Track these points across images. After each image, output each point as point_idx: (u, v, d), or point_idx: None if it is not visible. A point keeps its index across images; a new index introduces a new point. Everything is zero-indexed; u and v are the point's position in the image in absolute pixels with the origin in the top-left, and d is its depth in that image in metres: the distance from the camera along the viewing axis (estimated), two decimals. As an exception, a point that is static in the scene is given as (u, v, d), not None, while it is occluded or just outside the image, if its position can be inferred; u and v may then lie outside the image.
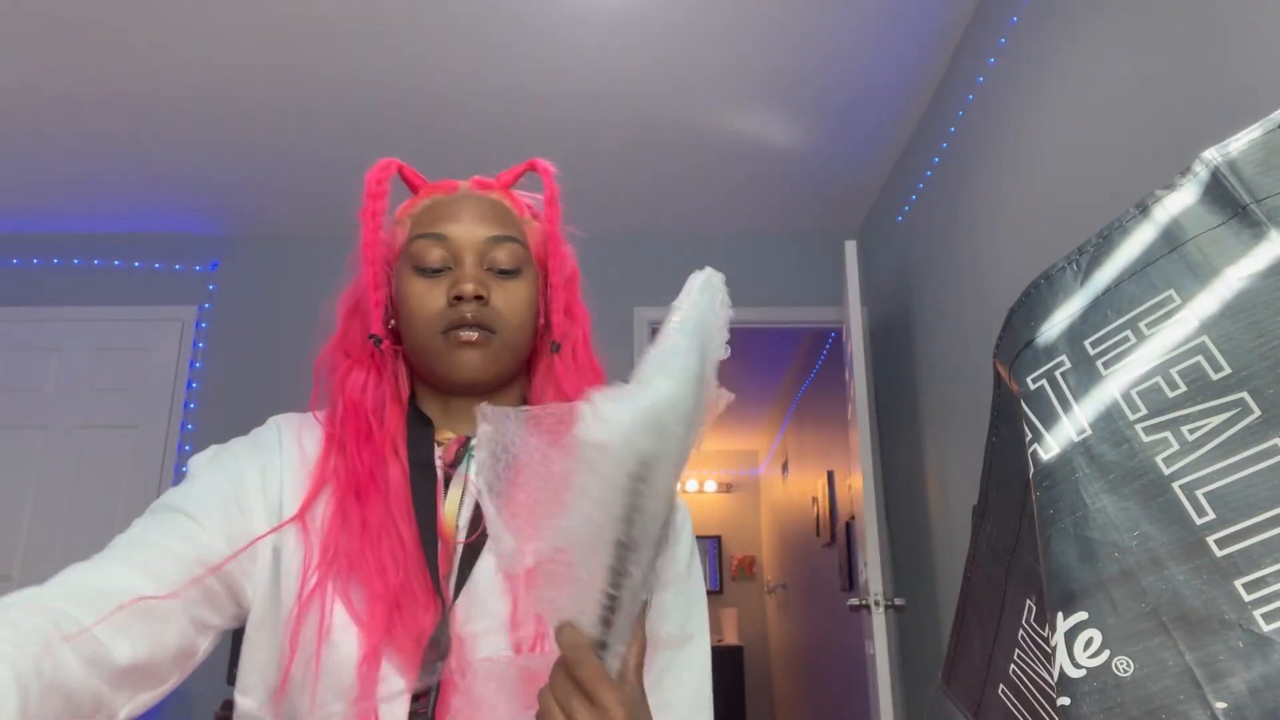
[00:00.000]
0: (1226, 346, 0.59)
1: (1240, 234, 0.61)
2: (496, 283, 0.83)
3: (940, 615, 2.60)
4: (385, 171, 0.86)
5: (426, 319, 0.81)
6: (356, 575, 0.72)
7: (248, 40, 2.40)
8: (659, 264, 3.62)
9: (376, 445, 0.79)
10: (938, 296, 2.64)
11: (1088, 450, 0.62)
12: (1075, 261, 0.70)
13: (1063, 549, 0.61)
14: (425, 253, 0.83)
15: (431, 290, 0.82)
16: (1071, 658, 0.57)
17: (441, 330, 0.81)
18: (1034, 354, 0.70)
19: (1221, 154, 0.64)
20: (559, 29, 2.37)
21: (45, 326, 3.55)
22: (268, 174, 3.19)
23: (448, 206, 0.85)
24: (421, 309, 0.81)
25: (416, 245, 0.83)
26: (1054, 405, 0.66)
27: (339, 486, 0.77)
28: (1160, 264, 0.65)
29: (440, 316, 0.81)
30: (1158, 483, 0.59)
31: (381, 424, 0.81)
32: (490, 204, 0.87)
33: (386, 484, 0.77)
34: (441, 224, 0.84)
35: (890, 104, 2.75)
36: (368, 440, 0.79)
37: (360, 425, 0.80)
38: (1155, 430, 0.60)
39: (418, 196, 0.89)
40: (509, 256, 0.84)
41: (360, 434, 0.79)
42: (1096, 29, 1.69)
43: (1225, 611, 0.54)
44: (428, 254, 0.83)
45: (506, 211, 0.88)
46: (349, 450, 0.78)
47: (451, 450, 0.84)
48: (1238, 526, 0.55)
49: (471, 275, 0.81)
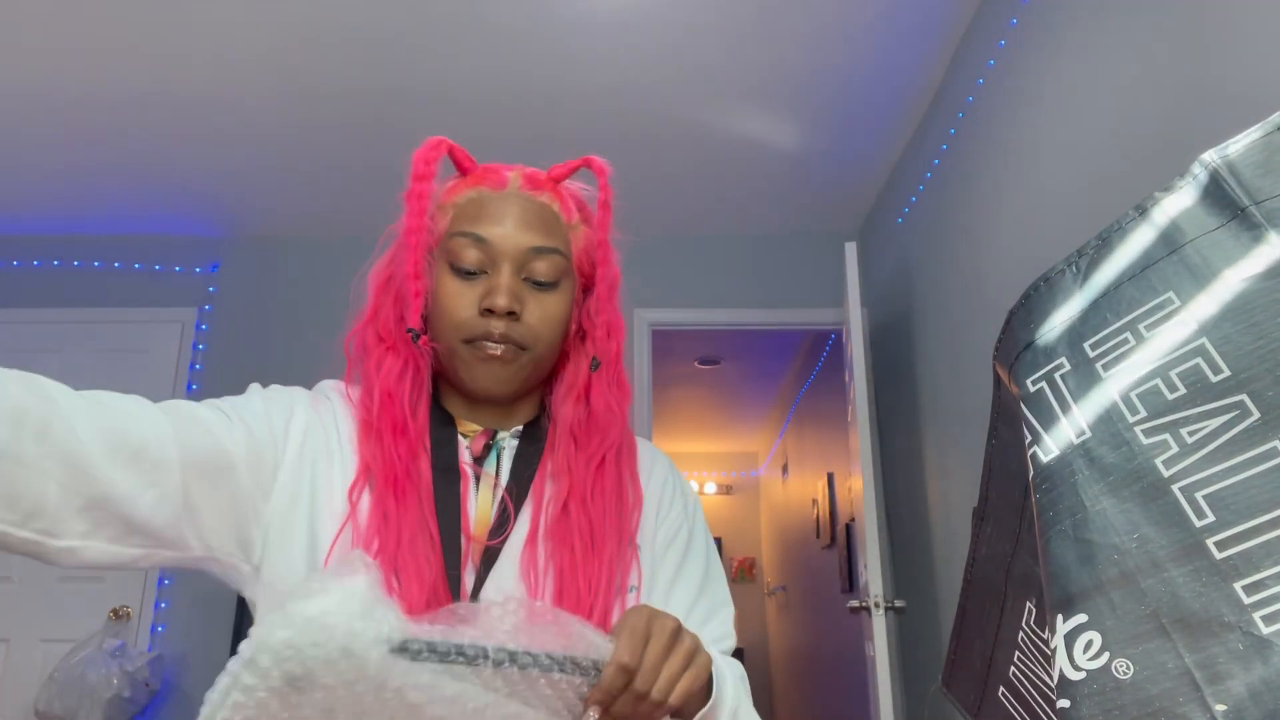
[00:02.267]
0: (1226, 349, 0.59)
1: (1239, 236, 0.61)
2: (533, 295, 0.81)
3: (940, 617, 2.60)
4: (435, 151, 0.81)
5: (456, 323, 0.79)
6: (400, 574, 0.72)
7: (248, 41, 2.40)
8: (659, 265, 3.62)
9: (410, 441, 0.78)
10: (938, 297, 2.64)
11: (1087, 452, 0.62)
12: (1075, 264, 0.70)
13: (1062, 551, 0.61)
14: (462, 252, 0.80)
15: (465, 293, 0.80)
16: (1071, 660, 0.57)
17: (467, 339, 0.79)
18: (1034, 356, 0.70)
19: (1220, 156, 0.64)
20: (559, 30, 2.37)
21: (45, 328, 3.54)
22: (268, 176, 3.19)
23: (493, 205, 0.81)
24: (452, 311, 0.79)
25: (455, 243, 0.80)
26: (1053, 407, 0.66)
27: (378, 480, 0.76)
28: (1160, 266, 0.65)
29: (469, 325, 0.79)
30: (1157, 485, 0.59)
31: (415, 417, 0.80)
32: (538, 208, 0.83)
33: (420, 482, 0.77)
34: (484, 224, 0.80)
35: (890, 105, 2.75)
36: (403, 434, 0.78)
37: (396, 416, 0.78)
38: (1155, 432, 0.60)
39: (464, 181, 0.85)
40: (549, 269, 0.81)
41: (396, 426, 0.78)
42: (1096, 30, 1.69)
43: (1225, 614, 0.54)
44: (465, 254, 0.80)
45: (554, 217, 0.84)
46: (385, 442, 0.77)
47: (479, 443, 0.83)
48: (1237, 529, 0.55)
49: (506, 288, 0.78)
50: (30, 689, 2.97)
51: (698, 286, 3.61)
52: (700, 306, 3.58)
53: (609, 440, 0.84)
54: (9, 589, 3.24)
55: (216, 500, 0.70)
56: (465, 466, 0.81)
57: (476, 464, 0.83)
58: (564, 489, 0.81)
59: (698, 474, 7.58)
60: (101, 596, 3.22)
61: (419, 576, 0.72)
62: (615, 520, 0.81)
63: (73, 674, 2.86)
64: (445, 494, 0.78)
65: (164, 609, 3.26)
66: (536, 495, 0.81)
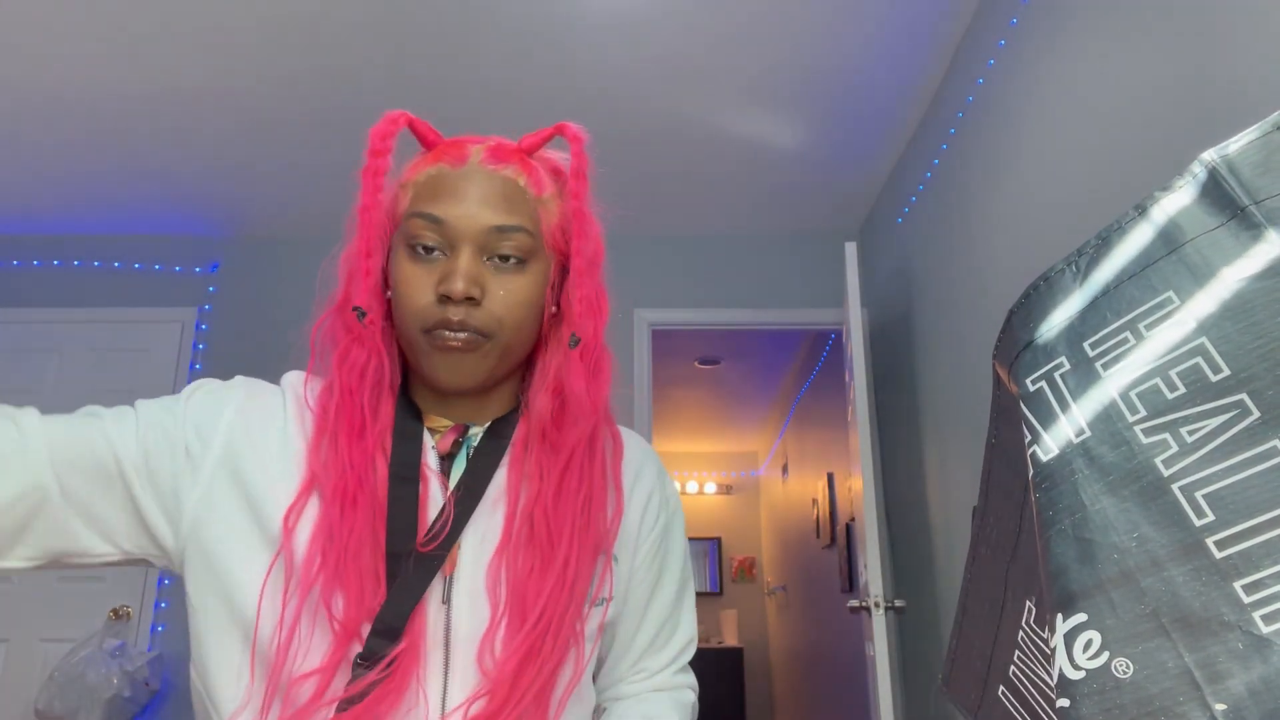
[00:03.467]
0: (1225, 348, 0.59)
1: (1239, 235, 0.61)
2: (496, 277, 0.74)
3: (940, 617, 2.60)
4: (392, 126, 0.76)
5: (413, 311, 0.73)
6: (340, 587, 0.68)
7: (248, 41, 2.40)
8: (659, 265, 3.62)
9: (367, 444, 0.73)
10: (938, 297, 2.64)
11: (1087, 451, 0.62)
12: (1074, 263, 0.70)
13: (1062, 550, 0.61)
14: (419, 234, 0.74)
15: (421, 277, 0.74)
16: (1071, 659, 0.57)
17: (425, 328, 0.73)
18: (1033, 355, 0.70)
19: (1220, 155, 0.64)
20: (558, 30, 2.37)
21: (45, 328, 3.55)
22: (268, 175, 3.19)
23: (452, 182, 0.75)
24: (409, 298, 0.74)
25: (411, 224, 0.74)
26: (1053, 406, 0.66)
27: (325, 490, 0.71)
28: (1159, 265, 0.65)
29: (426, 312, 0.73)
30: (1157, 484, 0.59)
31: (375, 416, 0.75)
32: (500, 183, 0.76)
33: (374, 489, 0.72)
34: (441, 203, 0.74)
35: (890, 105, 2.75)
36: (360, 437, 0.73)
37: (354, 418, 0.73)
38: (1154, 432, 0.60)
39: (425, 157, 0.79)
40: (514, 248, 0.75)
41: (353, 429, 0.73)
42: (1095, 30, 1.69)
43: (1224, 613, 0.54)
44: (421, 235, 0.74)
45: (519, 192, 0.77)
46: (341, 447, 0.72)
47: (448, 440, 0.78)
48: (1237, 528, 0.55)
49: (465, 272, 0.72)
50: (30, 689, 2.97)
51: (698, 286, 3.61)
52: (700, 306, 3.58)
53: (580, 433, 0.77)
54: (9, 589, 3.24)
55: (110, 499, 0.70)
56: (427, 469, 0.76)
57: (445, 462, 0.78)
58: (531, 492, 0.76)
59: (698, 474, 7.58)
60: (101, 596, 3.22)
61: (359, 597, 0.68)
62: (583, 528, 0.75)
63: (73, 674, 2.86)
64: (401, 501, 0.72)
65: (164, 609, 3.26)
66: (493, 498, 0.76)
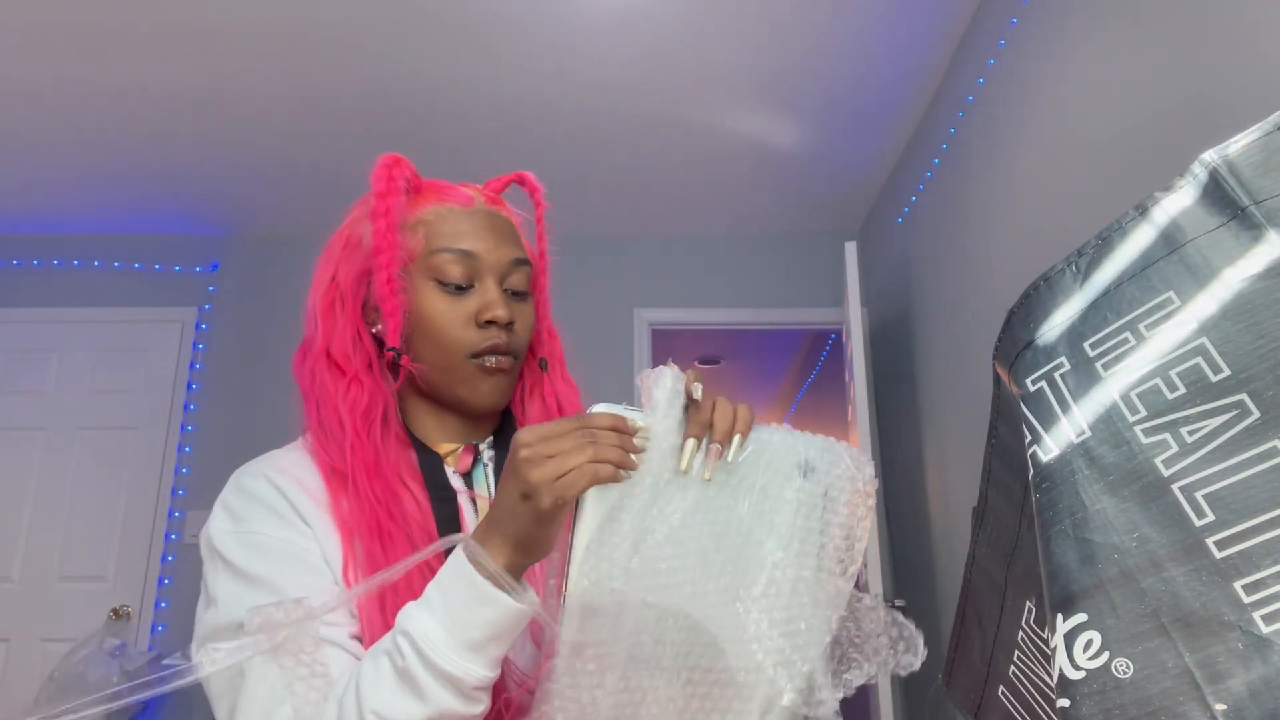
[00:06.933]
0: (1226, 348, 0.59)
1: (1239, 236, 0.61)
2: (514, 306, 0.83)
3: (940, 616, 2.60)
4: (396, 168, 0.82)
5: (454, 339, 0.80)
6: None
7: (248, 41, 2.40)
8: (659, 265, 3.62)
9: (386, 477, 0.76)
10: (938, 297, 2.64)
11: (1087, 452, 0.62)
12: (1074, 263, 0.70)
13: (1062, 551, 0.61)
14: (448, 268, 0.80)
15: (455, 309, 0.80)
16: (1071, 659, 0.57)
17: (471, 354, 0.80)
18: (1033, 355, 0.70)
19: (1220, 156, 0.64)
20: (557, 30, 2.37)
21: (45, 328, 3.55)
22: (268, 175, 3.19)
23: (470, 220, 0.83)
24: (447, 329, 0.80)
25: (439, 259, 0.80)
26: (1053, 407, 0.66)
27: (362, 534, 0.73)
28: (1160, 265, 0.65)
29: (470, 340, 0.80)
30: (1157, 484, 0.59)
31: (385, 449, 0.78)
32: (504, 222, 0.86)
33: (405, 518, 0.74)
34: (467, 240, 0.81)
35: (890, 104, 2.75)
36: (377, 474, 0.75)
37: (367, 456, 0.76)
38: (1155, 432, 0.60)
39: (422, 198, 0.84)
40: (524, 280, 0.85)
41: (369, 467, 0.75)
42: (1095, 30, 1.69)
43: (1225, 613, 0.54)
44: (451, 270, 0.80)
45: (515, 230, 0.87)
46: (362, 489, 0.74)
47: (466, 459, 0.83)
48: (1237, 528, 0.55)
49: (503, 300, 0.81)
50: (30, 689, 2.97)
51: (698, 286, 3.61)
52: (700, 306, 3.58)
53: None
54: (9, 589, 3.25)
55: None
56: (457, 490, 0.80)
57: (466, 482, 0.82)
58: None
59: (698, 474, 7.56)
60: (101, 596, 3.23)
61: None
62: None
63: (73, 674, 2.86)
64: (447, 522, 0.76)
65: (164, 609, 3.26)
66: None
